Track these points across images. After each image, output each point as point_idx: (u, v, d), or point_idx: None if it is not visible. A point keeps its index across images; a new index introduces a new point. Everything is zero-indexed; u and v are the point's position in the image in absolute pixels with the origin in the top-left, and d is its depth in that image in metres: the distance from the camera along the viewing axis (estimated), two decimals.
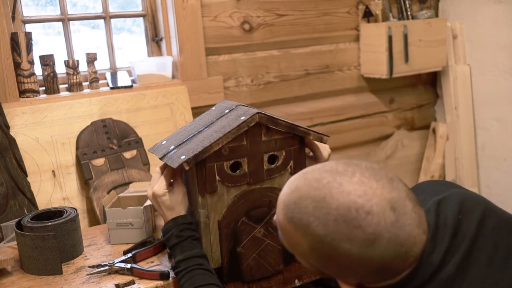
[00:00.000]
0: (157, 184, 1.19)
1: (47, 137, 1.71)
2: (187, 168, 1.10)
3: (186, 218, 1.17)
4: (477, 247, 0.85)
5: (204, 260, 1.14)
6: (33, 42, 1.78)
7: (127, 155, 1.79)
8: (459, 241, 0.85)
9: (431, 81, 2.66)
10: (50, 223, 1.26)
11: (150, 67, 1.98)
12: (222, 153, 1.14)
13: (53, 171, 1.70)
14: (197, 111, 1.98)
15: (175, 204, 1.18)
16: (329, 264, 0.83)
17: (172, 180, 1.21)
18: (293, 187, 0.85)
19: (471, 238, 0.85)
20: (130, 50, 2.11)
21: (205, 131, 1.19)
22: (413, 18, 2.39)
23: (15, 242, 1.37)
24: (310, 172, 0.86)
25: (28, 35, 1.76)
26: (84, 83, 1.92)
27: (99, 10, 1.99)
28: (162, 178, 1.20)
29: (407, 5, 2.38)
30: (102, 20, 2.00)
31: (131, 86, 1.91)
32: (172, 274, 1.17)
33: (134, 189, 1.53)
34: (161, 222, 1.49)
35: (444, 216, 0.87)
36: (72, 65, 1.85)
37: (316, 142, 1.27)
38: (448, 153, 2.57)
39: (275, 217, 0.92)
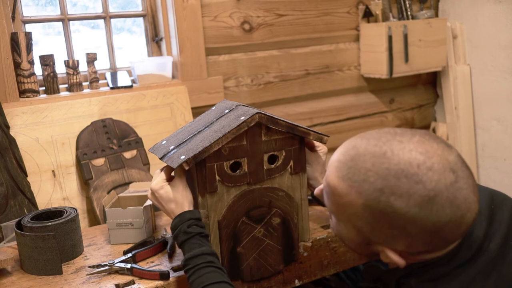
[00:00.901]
0: (155, 180, 1.16)
1: (47, 137, 1.71)
2: (186, 168, 1.10)
3: (193, 213, 1.12)
4: (511, 236, 0.88)
5: (214, 257, 1.09)
6: (33, 42, 1.78)
7: (127, 155, 1.79)
8: (494, 229, 0.87)
9: (431, 81, 2.66)
10: (50, 223, 1.25)
11: (150, 67, 1.98)
12: (222, 153, 1.14)
13: (53, 171, 1.70)
14: (197, 111, 1.98)
15: (176, 196, 1.12)
16: (381, 225, 0.81)
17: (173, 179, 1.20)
18: (350, 146, 0.85)
19: (507, 227, 0.88)
20: (130, 50, 2.11)
21: (205, 131, 1.19)
22: (413, 18, 2.39)
23: (15, 242, 1.37)
24: (367, 133, 0.85)
25: (28, 35, 1.76)
26: (84, 83, 1.92)
27: (99, 10, 1.99)
28: (161, 174, 1.17)
29: (407, 5, 2.38)
30: (102, 20, 2.00)
31: (131, 86, 1.91)
32: (172, 274, 1.17)
33: (134, 189, 1.53)
34: (161, 222, 1.49)
35: None
36: (72, 65, 1.85)
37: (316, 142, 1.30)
38: None
39: (323, 183, 0.89)
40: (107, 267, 1.19)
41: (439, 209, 0.77)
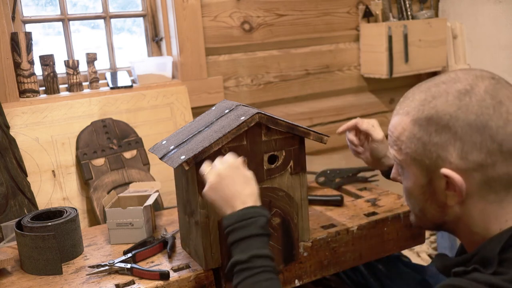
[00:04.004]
0: (232, 158, 1.04)
1: (47, 137, 1.71)
2: (186, 168, 1.10)
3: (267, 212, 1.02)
4: None
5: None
6: (33, 42, 1.78)
7: (127, 155, 1.79)
8: None
9: None
10: (50, 223, 1.25)
11: (150, 67, 1.98)
12: (222, 153, 1.14)
13: (53, 171, 1.70)
14: (197, 111, 1.98)
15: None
16: (429, 134, 0.83)
17: None
18: None
19: None
20: (130, 50, 2.11)
21: (205, 131, 1.19)
22: (413, 18, 2.39)
23: (15, 242, 1.37)
24: None
25: (28, 35, 1.76)
26: (84, 83, 1.92)
27: (99, 10, 1.99)
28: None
29: (407, 5, 2.38)
30: (102, 20, 2.00)
31: (131, 86, 1.91)
32: (172, 274, 1.17)
33: (134, 189, 1.53)
34: (161, 222, 1.48)
35: None
36: (72, 65, 1.85)
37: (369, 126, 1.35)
38: None
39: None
40: (107, 267, 1.19)
41: (479, 99, 0.80)
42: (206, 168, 1.06)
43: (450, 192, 0.84)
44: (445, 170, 0.82)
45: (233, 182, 1.01)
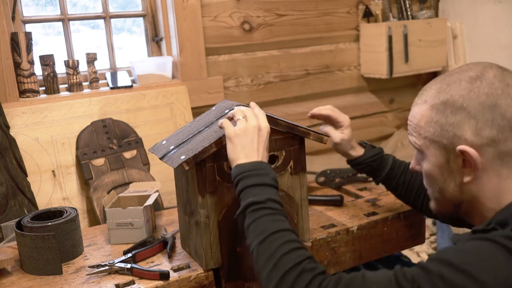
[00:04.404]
0: (262, 118, 1.07)
1: (47, 137, 1.71)
2: (186, 168, 1.10)
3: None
4: None
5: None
6: (33, 42, 1.78)
7: (127, 155, 1.79)
8: None
9: None
10: (50, 223, 1.25)
11: (150, 67, 1.98)
12: (222, 153, 1.14)
13: (53, 171, 1.70)
14: (197, 111, 1.98)
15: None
16: (445, 116, 0.91)
17: None
18: None
19: None
20: (130, 50, 2.11)
21: (205, 131, 1.19)
22: (413, 18, 2.39)
23: (15, 242, 1.37)
24: None
25: (28, 35, 1.76)
26: (84, 83, 1.92)
27: (99, 10, 1.99)
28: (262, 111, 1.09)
29: (407, 5, 2.38)
30: (102, 20, 2.00)
31: (131, 86, 1.91)
32: (172, 274, 1.17)
33: (134, 189, 1.53)
34: (161, 222, 1.48)
35: None
36: (72, 65, 1.85)
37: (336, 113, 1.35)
38: None
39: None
40: (107, 267, 1.19)
41: (488, 82, 0.90)
42: (241, 111, 1.08)
43: (466, 170, 0.92)
44: (461, 147, 0.90)
45: (261, 141, 1.05)
